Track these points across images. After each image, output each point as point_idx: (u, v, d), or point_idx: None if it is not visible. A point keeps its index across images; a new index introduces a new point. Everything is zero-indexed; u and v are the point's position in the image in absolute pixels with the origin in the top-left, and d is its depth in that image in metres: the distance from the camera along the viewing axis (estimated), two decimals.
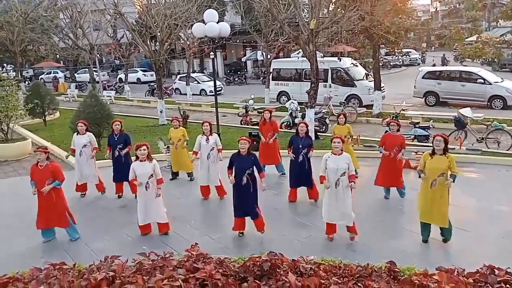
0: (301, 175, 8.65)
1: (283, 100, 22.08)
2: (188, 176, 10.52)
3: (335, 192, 6.71)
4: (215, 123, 12.94)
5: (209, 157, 9.00)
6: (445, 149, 6.41)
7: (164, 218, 7.35)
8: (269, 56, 23.66)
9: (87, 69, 31.68)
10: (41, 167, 7.04)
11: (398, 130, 8.74)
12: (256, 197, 7.13)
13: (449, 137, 12.29)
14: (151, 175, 7.13)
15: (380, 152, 8.79)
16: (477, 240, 6.73)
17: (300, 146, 8.60)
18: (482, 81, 19.04)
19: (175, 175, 10.62)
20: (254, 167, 7.06)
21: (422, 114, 16.32)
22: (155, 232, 7.46)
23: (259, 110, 18.56)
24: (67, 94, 30.36)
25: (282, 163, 10.49)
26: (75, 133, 9.45)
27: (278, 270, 3.47)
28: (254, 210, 7.10)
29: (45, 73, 45.52)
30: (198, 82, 30.00)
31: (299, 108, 16.51)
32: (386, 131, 13.49)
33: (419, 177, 6.61)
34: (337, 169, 6.64)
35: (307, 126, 8.94)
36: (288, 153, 8.80)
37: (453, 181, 6.34)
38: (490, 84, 18.86)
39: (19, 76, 31.43)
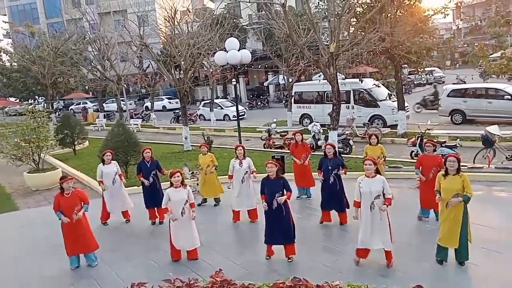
0: (332, 197, 8.56)
1: (306, 122, 22.13)
2: (216, 202, 10.53)
3: (370, 216, 6.52)
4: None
5: (244, 181, 9.02)
6: (458, 168, 6.28)
7: (197, 244, 7.40)
8: (290, 80, 23.88)
9: (114, 99, 32.66)
10: (67, 195, 7.19)
11: (434, 151, 8.56)
12: (290, 220, 7.05)
13: (476, 156, 12.13)
14: (186, 201, 7.22)
15: (417, 174, 8.60)
16: (510, 262, 6.49)
17: (330, 167, 8.57)
18: (510, 97, 18.63)
19: (204, 201, 10.58)
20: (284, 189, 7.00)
21: (449, 133, 16.03)
22: (181, 258, 7.51)
23: (282, 134, 18.66)
24: (96, 124, 31.30)
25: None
26: (101, 164, 9.59)
27: None
28: (290, 233, 7.01)
29: (75, 104, 47.15)
30: (222, 108, 30.46)
31: (321, 131, 16.52)
32: (412, 151, 13.49)
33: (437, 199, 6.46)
34: (370, 192, 6.48)
35: (333, 147, 8.89)
36: (319, 175, 8.77)
37: (466, 202, 6.20)
38: None
39: (50, 107, 32.69)
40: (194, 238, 7.35)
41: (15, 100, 43.39)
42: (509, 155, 12.00)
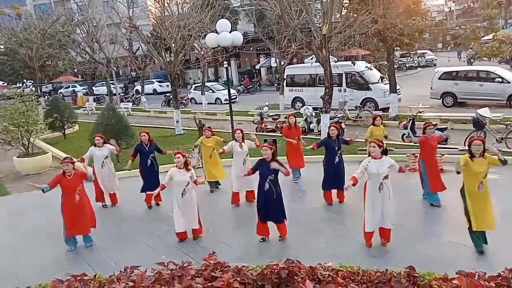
0: (336, 176, 8.70)
1: (298, 106, 22.08)
2: (217, 185, 10.47)
3: (381, 196, 6.57)
4: (229, 131, 13.02)
5: (245, 163, 9.07)
6: (483, 151, 6.24)
7: (197, 224, 7.50)
8: (282, 63, 23.72)
9: (104, 82, 32.24)
10: (69, 177, 7.25)
11: (433, 132, 8.73)
12: (279, 203, 7.16)
13: (467, 138, 12.17)
14: (188, 183, 7.29)
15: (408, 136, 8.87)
16: (499, 243, 6.57)
17: (336, 147, 8.76)
18: (500, 80, 18.71)
19: (214, 185, 10.45)
20: (279, 172, 7.03)
21: (440, 116, 16.10)
22: (174, 241, 7.53)
23: (274, 117, 18.62)
24: (86, 107, 30.95)
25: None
26: (92, 147, 9.56)
27: (295, 277, 3.46)
28: (278, 215, 7.17)
29: (64, 87, 46.50)
30: (213, 91, 30.22)
31: (314, 114, 16.48)
32: (403, 134, 13.53)
33: (458, 173, 6.43)
34: (378, 173, 6.51)
35: (337, 128, 9.00)
36: (314, 148, 8.98)
37: (504, 164, 6.20)
38: (509, 82, 18.50)
39: (39, 91, 32.20)
40: (194, 219, 7.45)
41: (3, 83, 42.62)
42: (499, 138, 12.10)
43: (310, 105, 18.12)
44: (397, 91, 18.54)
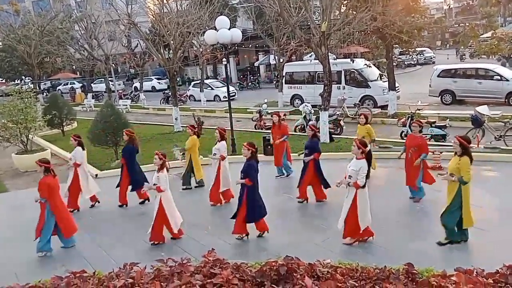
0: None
1: (297, 103, 22.06)
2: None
3: (347, 191, 6.76)
4: (229, 128, 13.02)
5: (212, 162, 9.21)
6: (463, 151, 6.25)
7: (150, 229, 7.41)
8: (281, 60, 23.68)
9: (103, 79, 32.16)
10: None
11: (420, 131, 8.71)
12: (239, 201, 7.22)
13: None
14: (154, 184, 7.30)
15: (402, 152, 8.90)
16: (497, 239, 6.60)
17: (304, 146, 9.06)
18: (499, 77, 18.73)
19: (199, 183, 10.51)
20: (250, 175, 7.07)
21: (438, 113, 16.11)
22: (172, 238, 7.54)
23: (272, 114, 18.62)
24: (84, 104, 30.89)
25: (288, 164, 10.83)
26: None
27: (294, 274, 3.47)
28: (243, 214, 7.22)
29: (62, 84, 46.42)
30: (212, 88, 30.18)
31: (312, 111, 16.48)
32: (402, 132, 13.55)
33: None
34: (348, 170, 6.71)
35: (312, 129, 9.04)
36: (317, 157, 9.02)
37: (460, 182, 6.18)
38: (507, 80, 18.52)
39: (37, 88, 32.12)
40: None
41: (1, 80, 42.54)
42: (497, 135, 12.13)
43: (309, 103, 18.10)
44: (396, 88, 18.53)
